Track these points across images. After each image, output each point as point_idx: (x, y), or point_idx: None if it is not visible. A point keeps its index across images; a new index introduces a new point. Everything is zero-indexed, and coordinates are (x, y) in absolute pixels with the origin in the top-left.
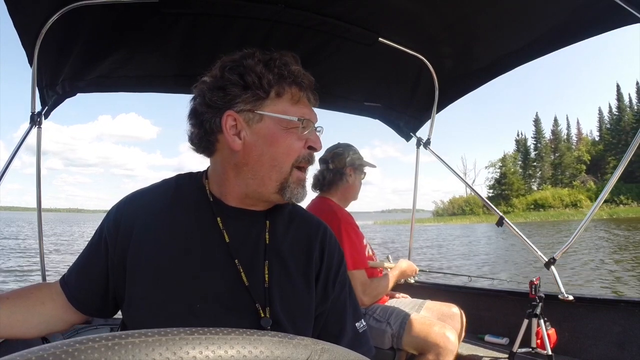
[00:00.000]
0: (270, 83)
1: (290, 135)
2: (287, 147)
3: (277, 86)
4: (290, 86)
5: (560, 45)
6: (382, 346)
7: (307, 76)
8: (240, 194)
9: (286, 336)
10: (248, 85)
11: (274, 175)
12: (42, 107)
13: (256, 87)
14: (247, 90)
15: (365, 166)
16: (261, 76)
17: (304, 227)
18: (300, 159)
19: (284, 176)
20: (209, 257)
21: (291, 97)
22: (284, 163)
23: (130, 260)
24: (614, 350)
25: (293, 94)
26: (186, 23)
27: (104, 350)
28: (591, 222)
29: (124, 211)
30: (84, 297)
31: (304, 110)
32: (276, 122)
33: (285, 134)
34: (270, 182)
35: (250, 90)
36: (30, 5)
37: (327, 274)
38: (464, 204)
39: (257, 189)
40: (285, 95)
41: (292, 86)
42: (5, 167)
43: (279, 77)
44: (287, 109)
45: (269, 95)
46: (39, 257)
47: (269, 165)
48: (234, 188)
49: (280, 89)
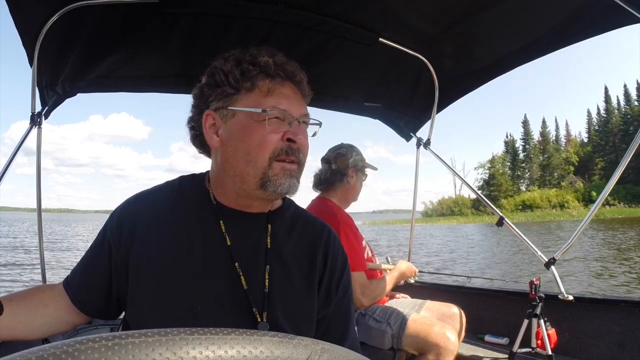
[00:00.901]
0: (237, 78)
1: (262, 128)
2: (259, 140)
3: (245, 80)
4: (262, 79)
5: (560, 46)
6: (382, 346)
7: (285, 67)
8: (232, 194)
9: (286, 336)
10: (217, 83)
11: (251, 171)
12: (42, 107)
13: (223, 84)
14: (217, 87)
15: (367, 168)
16: (227, 73)
17: (307, 230)
18: (278, 151)
19: (262, 170)
20: (210, 260)
21: (264, 89)
22: (258, 157)
23: (133, 262)
24: (614, 350)
25: (265, 86)
26: (186, 23)
27: (104, 350)
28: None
29: (127, 213)
30: (88, 298)
31: (277, 101)
32: (247, 116)
33: (256, 127)
34: (249, 178)
35: (219, 87)
36: (30, 5)
37: (331, 277)
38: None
39: (240, 186)
40: (256, 89)
41: (263, 78)
42: (5, 167)
43: (245, 71)
44: (258, 100)
45: (239, 90)
46: (39, 258)
47: (243, 160)
48: (226, 188)
49: (249, 83)
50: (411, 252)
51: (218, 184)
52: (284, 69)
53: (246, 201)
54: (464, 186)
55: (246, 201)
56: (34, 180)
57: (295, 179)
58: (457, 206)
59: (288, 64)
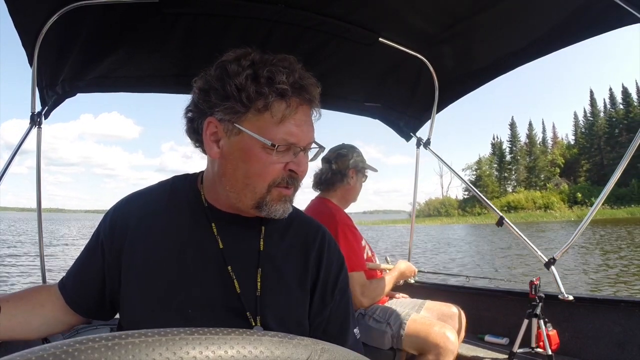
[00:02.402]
0: (250, 98)
1: (267, 156)
2: (261, 168)
3: (259, 101)
4: (277, 101)
5: (561, 46)
6: (382, 347)
7: (303, 89)
8: (226, 202)
9: (286, 336)
10: (227, 96)
11: (248, 194)
12: (42, 107)
13: (235, 99)
14: (226, 100)
15: (367, 169)
16: (241, 88)
17: (302, 233)
18: (279, 180)
19: (260, 196)
20: (202, 262)
21: (278, 115)
22: (257, 183)
23: (125, 263)
24: (614, 350)
25: (279, 111)
26: (186, 23)
27: (104, 350)
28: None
29: (120, 213)
30: (82, 300)
31: (289, 130)
32: (253, 140)
33: (261, 154)
34: (245, 199)
35: (229, 101)
36: (30, 5)
37: (326, 282)
38: (440, 206)
39: (235, 203)
40: (268, 111)
41: (278, 101)
42: (5, 168)
43: (262, 92)
44: (267, 127)
45: (249, 109)
46: (39, 258)
47: (242, 182)
48: (219, 194)
49: (263, 105)
50: (411, 251)
51: (212, 189)
52: (301, 91)
53: (237, 210)
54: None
55: (237, 210)
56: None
57: (289, 203)
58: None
59: (307, 85)
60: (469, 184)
